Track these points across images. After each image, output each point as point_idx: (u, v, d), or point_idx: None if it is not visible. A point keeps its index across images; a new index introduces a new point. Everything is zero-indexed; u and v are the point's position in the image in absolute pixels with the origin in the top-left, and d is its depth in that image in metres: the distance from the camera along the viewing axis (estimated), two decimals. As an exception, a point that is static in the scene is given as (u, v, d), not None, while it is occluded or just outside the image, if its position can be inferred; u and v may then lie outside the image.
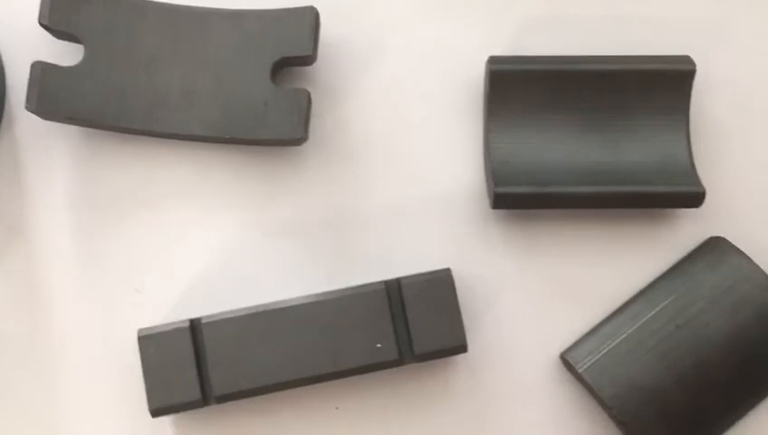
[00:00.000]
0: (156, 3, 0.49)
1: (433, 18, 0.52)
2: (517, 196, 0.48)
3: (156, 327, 0.46)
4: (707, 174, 0.51)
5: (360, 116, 0.51)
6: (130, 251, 0.50)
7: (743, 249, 0.49)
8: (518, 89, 0.50)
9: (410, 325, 0.46)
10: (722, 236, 0.50)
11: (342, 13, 0.52)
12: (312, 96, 0.51)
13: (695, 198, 0.49)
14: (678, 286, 0.49)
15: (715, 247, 0.50)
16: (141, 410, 0.47)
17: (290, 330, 0.46)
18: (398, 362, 0.47)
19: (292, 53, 0.48)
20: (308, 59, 0.49)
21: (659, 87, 0.50)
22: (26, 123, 0.50)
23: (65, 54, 0.50)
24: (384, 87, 0.51)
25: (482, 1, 0.52)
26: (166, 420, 0.49)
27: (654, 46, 0.52)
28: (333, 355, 0.46)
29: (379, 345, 0.46)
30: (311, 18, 0.48)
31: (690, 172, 0.49)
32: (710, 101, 0.52)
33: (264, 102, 0.48)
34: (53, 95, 0.48)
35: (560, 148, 0.50)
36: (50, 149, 0.50)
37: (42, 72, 0.48)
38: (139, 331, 0.46)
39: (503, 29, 0.52)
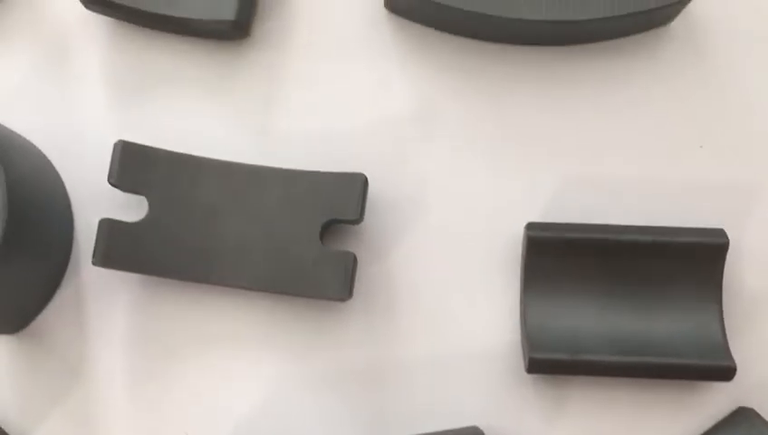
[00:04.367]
0: (215, 160, 0.52)
1: (475, 175, 0.54)
2: (552, 362, 0.50)
3: (201, 476, 0.49)
4: (738, 343, 0.52)
5: (401, 271, 0.54)
6: (182, 395, 0.53)
7: (772, 422, 0.50)
8: (555, 256, 0.52)
9: (441, 486, 0.48)
10: (751, 407, 0.51)
11: (388, 170, 0.54)
12: (357, 251, 0.53)
13: (725, 373, 0.50)
14: (706, 456, 0.50)
15: (743, 419, 0.51)
16: None
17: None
18: None
19: (340, 216, 0.51)
20: (355, 221, 0.52)
21: (693, 260, 0.51)
22: (90, 270, 0.54)
23: (128, 203, 0.54)
24: (426, 243, 0.54)
25: (523, 159, 0.54)
26: None
27: (686, 212, 0.53)
28: None
29: (411, 506, 0.48)
30: (360, 185, 0.51)
31: (722, 346, 0.51)
32: (741, 269, 0.53)
33: (312, 262, 0.51)
34: (119, 250, 0.51)
35: (594, 315, 0.52)
36: (111, 295, 0.54)
37: (108, 229, 0.51)
38: (186, 479, 0.49)
39: (543, 187, 0.54)
